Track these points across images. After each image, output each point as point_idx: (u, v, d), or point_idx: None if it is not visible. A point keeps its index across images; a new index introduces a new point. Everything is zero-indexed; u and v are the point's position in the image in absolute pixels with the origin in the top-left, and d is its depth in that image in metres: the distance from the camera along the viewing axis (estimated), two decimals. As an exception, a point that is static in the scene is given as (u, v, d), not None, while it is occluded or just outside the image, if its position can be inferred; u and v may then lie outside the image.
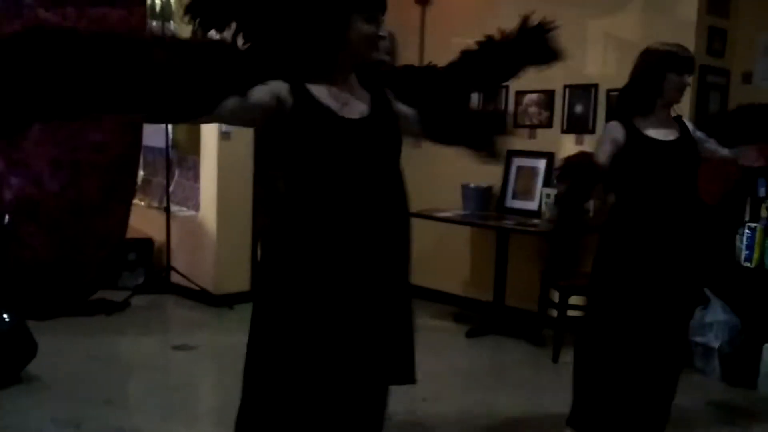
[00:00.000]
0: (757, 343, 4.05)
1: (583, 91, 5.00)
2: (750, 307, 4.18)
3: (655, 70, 2.82)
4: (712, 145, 3.01)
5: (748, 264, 4.21)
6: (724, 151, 3.05)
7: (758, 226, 4.19)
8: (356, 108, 1.94)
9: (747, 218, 4.27)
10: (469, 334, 4.90)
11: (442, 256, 5.51)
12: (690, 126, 2.98)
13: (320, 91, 1.90)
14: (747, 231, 4.22)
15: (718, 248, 4.29)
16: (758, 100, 4.62)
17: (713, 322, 4.18)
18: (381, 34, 1.91)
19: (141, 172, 5.69)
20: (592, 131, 4.96)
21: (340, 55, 1.90)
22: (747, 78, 4.71)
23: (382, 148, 1.95)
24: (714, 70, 4.63)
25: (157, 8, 5.54)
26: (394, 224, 1.97)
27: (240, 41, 1.89)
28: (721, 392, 4.05)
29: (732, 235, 4.30)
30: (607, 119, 4.81)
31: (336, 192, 1.87)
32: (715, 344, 4.16)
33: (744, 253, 4.23)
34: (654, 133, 2.84)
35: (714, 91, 4.66)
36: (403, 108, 2.10)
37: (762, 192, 4.26)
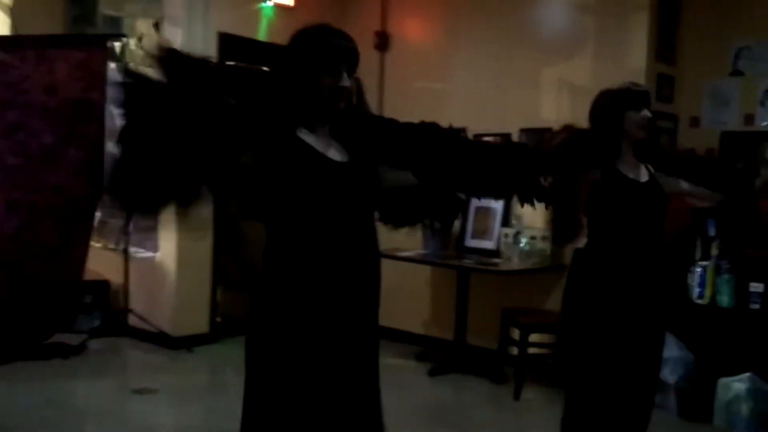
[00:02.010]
0: (711, 378, 4.16)
1: (538, 135, 5.14)
2: (703, 343, 4.30)
3: (613, 111, 2.75)
4: (678, 183, 2.92)
5: (701, 301, 4.35)
6: (694, 188, 2.95)
7: (709, 264, 4.34)
8: (337, 153, 2.01)
9: (698, 257, 4.42)
10: (432, 373, 4.92)
11: (403, 296, 5.53)
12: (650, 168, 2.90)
13: (308, 137, 1.97)
14: (698, 269, 4.36)
15: (671, 286, 4.42)
16: (705, 144, 4.87)
17: (668, 358, 4.27)
18: (342, 84, 1.97)
19: (97, 213, 5.61)
20: (548, 173, 5.09)
21: (313, 107, 1.98)
22: (695, 122, 4.92)
23: (361, 193, 2.01)
24: (663, 115, 4.82)
25: (117, 51, 5.54)
26: (367, 269, 2.03)
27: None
28: (678, 427, 4.14)
29: (684, 274, 4.44)
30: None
31: (319, 232, 1.92)
32: (671, 380, 4.26)
33: (696, 290, 4.37)
34: (630, 174, 2.78)
35: (663, 134, 4.85)
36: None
37: (712, 231, 4.42)
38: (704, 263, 4.36)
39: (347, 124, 2.06)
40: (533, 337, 4.54)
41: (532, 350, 4.55)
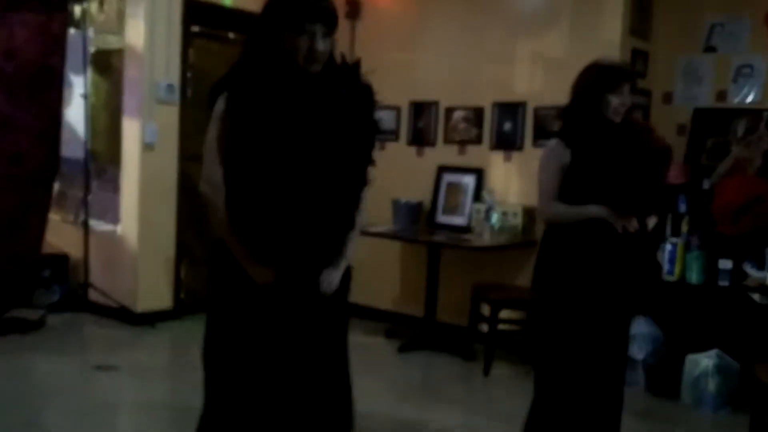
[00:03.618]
0: (679, 355, 4.19)
1: (511, 109, 5.09)
2: (672, 319, 4.32)
3: (593, 91, 2.74)
4: None
5: (670, 278, 4.35)
6: None
7: (679, 241, 4.34)
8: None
9: (668, 233, 4.42)
10: (401, 350, 4.88)
11: (373, 272, 5.46)
12: None
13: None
14: (669, 246, 4.36)
15: (641, 263, 4.42)
16: (677, 120, 4.86)
17: (637, 334, 4.29)
18: (316, 47, 1.87)
19: (55, 184, 5.44)
20: (520, 148, 5.05)
21: (281, 71, 1.89)
22: (667, 98, 4.91)
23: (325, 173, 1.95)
24: (636, 91, 4.77)
25: (77, 15, 5.34)
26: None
27: None
28: (646, 402, 4.17)
29: (654, 250, 4.43)
30: (535, 137, 4.95)
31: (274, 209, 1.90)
32: (640, 356, 4.27)
33: (666, 267, 4.37)
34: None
35: (637, 110, 4.81)
36: None
37: (683, 208, 4.43)
38: (674, 240, 4.36)
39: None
40: (503, 314, 4.51)
41: (502, 326, 4.52)
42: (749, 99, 4.61)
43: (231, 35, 5.76)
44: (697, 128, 4.72)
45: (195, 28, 5.48)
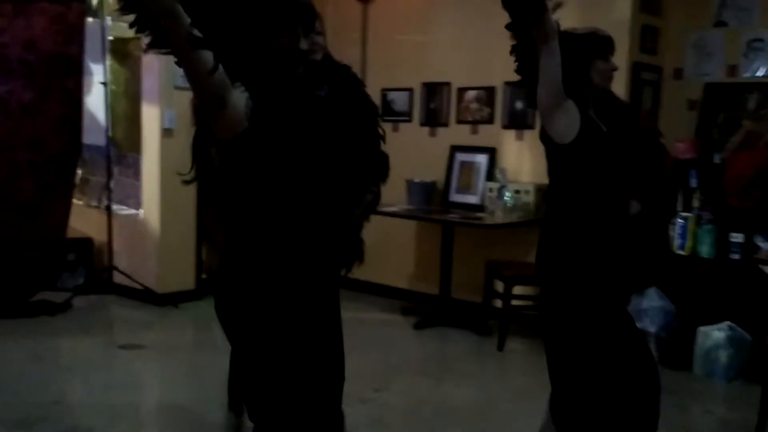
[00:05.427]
0: (691, 328, 4.24)
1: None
2: (684, 293, 4.37)
3: (580, 59, 2.51)
4: None
5: (682, 252, 4.40)
6: None
7: (690, 215, 4.38)
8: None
9: (680, 208, 4.46)
10: (417, 326, 4.97)
11: (388, 251, 5.56)
12: None
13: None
14: (680, 220, 4.41)
15: (653, 237, 4.47)
16: (688, 95, 4.87)
17: (649, 307, 4.35)
18: (300, 47, 1.83)
19: (79, 171, 5.56)
20: (532, 127, 5.08)
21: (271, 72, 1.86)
22: (678, 74, 4.91)
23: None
24: (647, 67, 4.81)
25: (94, 4, 5.43)
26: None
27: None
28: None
29: (666, 225, 4.48)
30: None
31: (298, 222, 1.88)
32: (652, 329, 4.33)
33: (677, 241, 4.42)
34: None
35: (647, 86, 4.84)
36: None
37: (694, 183, 4.46)
38: (686, 214, 4.40)
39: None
40: (516, 290, 4.59)
41: (515, 302, 4.60)
42: (760, 73, 4.60)
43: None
44: (708, 103, 4.74)
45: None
